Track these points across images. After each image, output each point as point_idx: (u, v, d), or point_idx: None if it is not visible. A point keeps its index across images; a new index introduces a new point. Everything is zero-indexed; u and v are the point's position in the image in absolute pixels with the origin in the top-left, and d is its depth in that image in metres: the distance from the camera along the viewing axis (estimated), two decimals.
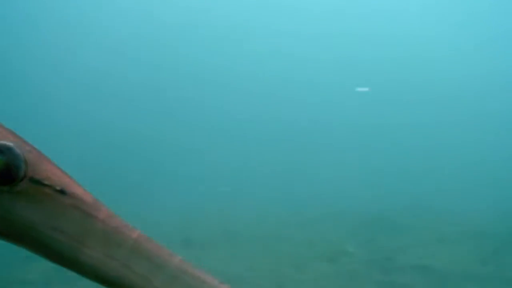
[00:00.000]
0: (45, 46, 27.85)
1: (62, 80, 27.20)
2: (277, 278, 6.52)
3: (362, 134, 24.56)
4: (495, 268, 7.22)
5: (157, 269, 0.76)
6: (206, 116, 27.24)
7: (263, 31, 30.90)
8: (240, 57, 30.42)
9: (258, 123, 26.89)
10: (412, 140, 23.46)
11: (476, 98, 27.82)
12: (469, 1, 29.36)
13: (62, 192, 0.76)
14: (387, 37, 30.30)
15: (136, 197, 13.51)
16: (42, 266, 6.80)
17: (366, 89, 27.51)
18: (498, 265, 7.41)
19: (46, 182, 0.76)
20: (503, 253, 8.14)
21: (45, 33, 28.13)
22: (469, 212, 11.42)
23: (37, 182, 0.76)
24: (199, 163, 20.08)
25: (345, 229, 10.10)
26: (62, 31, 28.15)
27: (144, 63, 29.31)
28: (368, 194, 14.12)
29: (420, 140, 23.35)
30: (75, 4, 29.55)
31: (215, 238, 9.27)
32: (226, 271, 6.79)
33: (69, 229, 0.76)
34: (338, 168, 18.55)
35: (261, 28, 30.87)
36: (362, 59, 29.50)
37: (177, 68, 29.81)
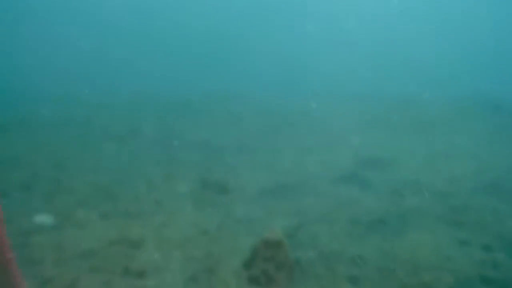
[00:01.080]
0: None
1: None
2: (58, 158, 6.63)
3: (174, 27, 24.65)
4: (266, 141, 8.21)
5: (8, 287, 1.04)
6: None
7: None
8: None
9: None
10: (216, 32, 24.22)
11: None
12: None
13: None
14: None
15: None
16: None
17: None
18: (271, 139, 8.43)
19: None
20: (281, 128, 9.23)
21: None
22: (261, 95, 12.49)
23: None
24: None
25: (147, 112, 10.39)
26: None
27: None
28: (178, 81, 14.62)
29: (222, 32, 24.15)
30: None
31: (12, 124, 8.93)
32: (9, 151, 6.77)
33: None
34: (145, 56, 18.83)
35: None
36: None
37: None
